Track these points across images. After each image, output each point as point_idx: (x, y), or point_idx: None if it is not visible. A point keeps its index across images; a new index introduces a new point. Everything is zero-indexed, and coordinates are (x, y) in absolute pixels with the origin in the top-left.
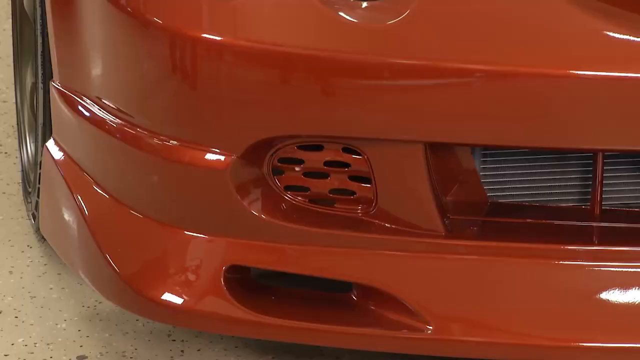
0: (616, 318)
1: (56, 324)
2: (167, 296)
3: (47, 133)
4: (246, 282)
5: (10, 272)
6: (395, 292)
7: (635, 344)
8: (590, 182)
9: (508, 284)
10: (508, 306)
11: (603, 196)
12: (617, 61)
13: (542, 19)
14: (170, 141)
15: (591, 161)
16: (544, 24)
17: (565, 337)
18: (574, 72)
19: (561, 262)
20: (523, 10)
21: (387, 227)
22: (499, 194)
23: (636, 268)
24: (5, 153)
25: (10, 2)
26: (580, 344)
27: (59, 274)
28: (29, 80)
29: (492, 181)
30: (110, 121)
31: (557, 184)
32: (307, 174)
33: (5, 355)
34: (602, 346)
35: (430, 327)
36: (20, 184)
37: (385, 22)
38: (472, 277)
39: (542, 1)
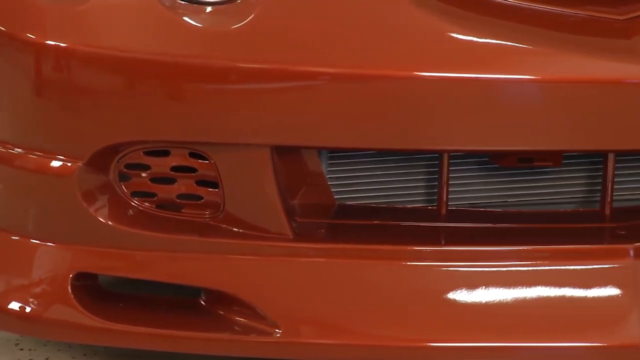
0: (464, 317)
1: None
2: (14, 305)
3: None
4: (94, 290)
5: None
6: (244, 296)
7: (483, 343)
8: (437, 183)
9: (357, 286)
10: (357, 308)
11: (449, 196)
12: (459, 62)
13: (386, 21)
14: (15, 149)
15: (437, 162)
16: (388, 25)
17: (414, 337)
18: (417, 73)
19: (409, 262)
20: (367, 11)
21: (235, 231)
22: (346, 196)
23: (482, 267)
24: None
25: None
26: (429, 343)
27: None
28: None
29: (339, 183)
30: None
31: (404, 185)
32: (154, 179)
33: None
34: (452, 346)
35: (280, 331)
36: None
37: (230, 26)
38: (320, 279)
39: (386, 3)
